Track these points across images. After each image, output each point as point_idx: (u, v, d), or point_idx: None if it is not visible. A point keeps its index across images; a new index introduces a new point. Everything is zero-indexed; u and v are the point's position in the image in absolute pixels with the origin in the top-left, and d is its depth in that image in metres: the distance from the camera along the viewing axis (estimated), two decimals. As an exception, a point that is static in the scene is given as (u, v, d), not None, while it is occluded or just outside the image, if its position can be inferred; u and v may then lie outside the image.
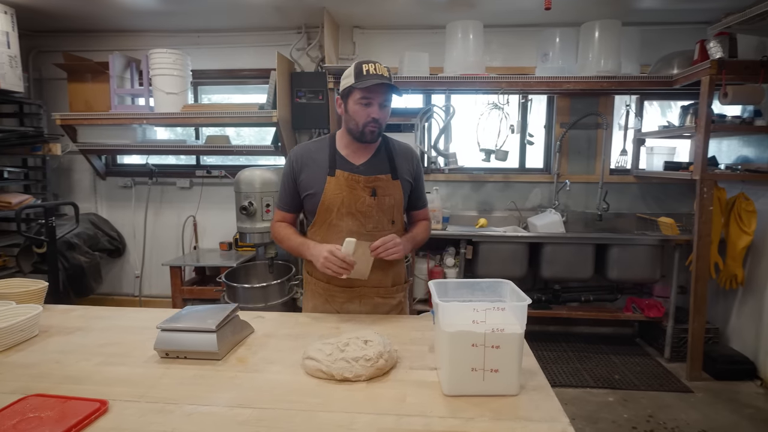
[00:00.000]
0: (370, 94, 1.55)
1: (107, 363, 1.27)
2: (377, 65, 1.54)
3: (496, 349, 1.04)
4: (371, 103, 1.55)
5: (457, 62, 3.38)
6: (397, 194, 1.66)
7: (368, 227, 1.64)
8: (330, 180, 1.63)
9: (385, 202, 1.64)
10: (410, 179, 1.72)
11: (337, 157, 1.66)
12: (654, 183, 3.76)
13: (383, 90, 1.55)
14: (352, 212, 1.62)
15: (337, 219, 1.63)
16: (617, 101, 3.77)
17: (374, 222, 1.64)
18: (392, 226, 1.68)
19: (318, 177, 1.64)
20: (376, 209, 1.63)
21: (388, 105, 1.60)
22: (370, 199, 1.62)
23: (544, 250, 3.35)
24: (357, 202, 1.62)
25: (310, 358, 1.19)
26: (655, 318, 3.39)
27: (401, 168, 1.69)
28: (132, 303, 4.15)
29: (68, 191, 4.17)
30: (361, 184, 1.62)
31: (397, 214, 1.69)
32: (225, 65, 3.99)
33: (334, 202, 1.62)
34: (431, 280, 1.21)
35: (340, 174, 1.63)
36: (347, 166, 1.65)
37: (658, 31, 3.58)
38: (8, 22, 3.21)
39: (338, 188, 1.62)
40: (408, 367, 1.22)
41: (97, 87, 3.66)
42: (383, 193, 1.64)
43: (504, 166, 3.83)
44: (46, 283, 1.75)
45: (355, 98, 1.57)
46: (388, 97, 1.59)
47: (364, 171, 1.64)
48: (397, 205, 1.68)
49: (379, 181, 1.64)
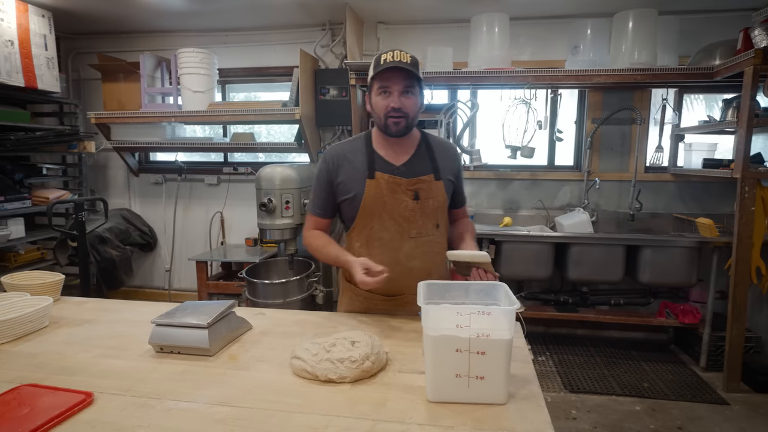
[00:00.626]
0: (387, 82, 1.46)
1: (105, 355, 1.30)
2: (397, 52, 1.45)
3: (482, 355, 0.98)
4: (389, 91, 1.46)
5: (482, 56, 3.28)
6: (440, 196, 1.56)
7: (412, 233, 1.55)
8: (370, 183, 1.53)
9: (429, 205, 1.54)
10: (452, 178, 1.62)
11: (375, 158, 1.56)
12: (694, 181, 3.54)
13: (402, 76, 1.44)
14: (395, 217, 1.53)
15: (379, 225, 1.55)
16: (654, 95, 3.57)
17: (418, 227, 1.55)
18: (437, 230, 1.58)
19: (356, 180, 1.54)
20: (419, 214, 1.54)
21: (413, 93, 1.48)
22: (413, 203, 1.53)
23: (571, 251, 3.21)
24: (399, 207, 1.53)
25: (297, 358, 1.17)
26: (690, 324, 3.20)
27: (443, 167, 1.59)
28: (162, 296, 4.28)
29: (104, 187, 4.35)
30: (403, 187, 1.52)
31: (441, 217, 1.60)
32: (252, 63, 4.05)
33: (375, 208, 1.53)
34: (421, 281, 1.16)
35: (380, 176, 1.53)
36: (387, 168, 1.55)
37: (699, 19, 3.36)
38: (46, 25, 3.36)
39: (379, 192, 1.52)
40: (397, 370, 1.19)
41: (129, 86, 3.79)
42: (426, 196, 1.54)
43: (531, 164, 3.71)
44: (62, 275, 1.81)
45: (375, 90, 1.50)
46: (410, 84, 1.46)
47: (406, 172, 1.54)
48: (441, 208, 1.59)
49: (421, 183, 1.54)
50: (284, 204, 3.07)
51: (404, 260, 1.56)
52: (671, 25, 3.25)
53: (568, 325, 3.70)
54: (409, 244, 1.55)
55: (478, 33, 3.29)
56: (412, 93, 1.49)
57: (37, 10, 3.31)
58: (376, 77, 1.47)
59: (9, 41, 3.09)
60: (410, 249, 1.56)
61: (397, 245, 1.56)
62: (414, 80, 1.47)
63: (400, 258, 1.56)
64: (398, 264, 1.55)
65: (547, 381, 3.01)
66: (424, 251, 1.58)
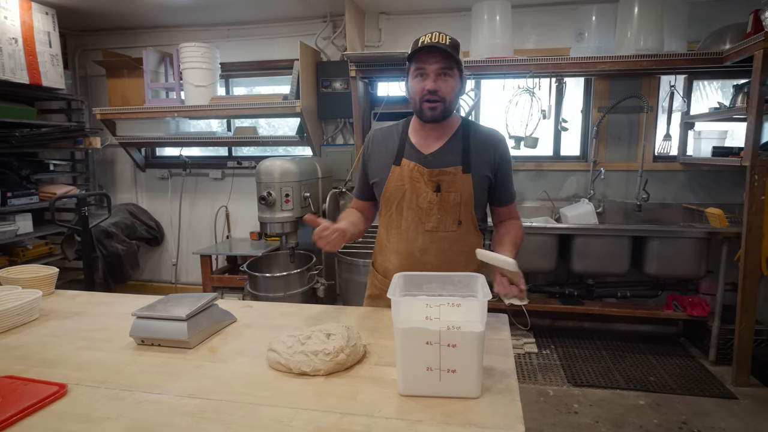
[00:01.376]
0: (422, 64, 1.38)
1: (87, 348, 1.30)
2: (435, 34, 1.38)
3: (453, 348, 0.96)
4: (424, 72, 1.38)
5: (484, 45, 3.22)
6: (465, 191, 1.46)
7: (428, 226, 1.49)
8: (394, 170, 1.50)
9: (449, 199, 1.46)
10: (489, 173, 1.49)
11: (407, 145, 1.52)
12: (703, 170, 3.44)
13: (438, 57, 1.36)
14: (413, 207, 1.49)
15: (397, 213, 1.52)
16: (663, 82, 3.47)
17: (435, 221, 1.48)
18: (459, 227, 1.49)
19: (384, 165, 1.52)
20: (437, 207, 1.47)
21: (450, 76, 1.39)
22: (433, 195, 1.46)
23: (575, 243, 3.15)
24: (419, 198, 1.47)
25: (272, 350, 1.16)
26: (699, 317, 3.12)
27: (477, 159, 1.48)
28: (169, 290, 4.33)
29: (111, 183, 4.41)
30: (425, 177, 1.46)
31: (465, 213, 1.49)
32: (255, 57, 4.05)
33: (395, 195, 1.50)
34: (396, 273, 1.14)
35: (405, 164, 1.49)
36: (415, 155, 1.49)
37: (708, 3, 3.25)
38: (50, 22, 3.40)
39: (401, 180, 1.49)
40: (374, 363, 1.17)
41: (133, 82, 3.82)
42: (449, 189, 1.46)
43: (536, 154, 3.64)
44: (56, 269, 1.83)
45: (411, 73, 1.43)
46: (447, 66, 1.37)
47: (431, 162, 1.47)
48: (465, 203, 1.47)
49: (444, 175, 1.46)
50: (284, 197, 3.07)
51: (417, 253, 1.52)
52: (679, 10, 3.14)
53: (574, 317, 3.64)
54: (424, 237, 1.50)
55: (480, 21, 3.22)
56: (450, 75, 1.40)
57: (41, 8, 3.34)
58: (412, 60, 1.41)
59: (13, 39, 3.13)
60: (425, 242, 1.51)
61: (412, 236, 1.52)
62: (452, 62, 1.39)
63: (414, 250, 1.52)
64: (411, 256, 1.52)
65: (550, 374, 2.97)
66: (439, 247, 1.51)
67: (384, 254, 1.61)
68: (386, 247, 1.59)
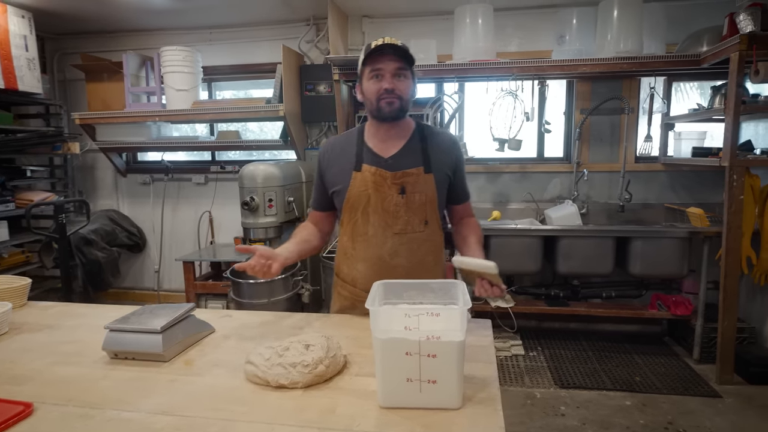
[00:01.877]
0: (378, 65, 1.40)
1: (58, 363, 1.26)
2: (387, 38, 1.39)
3: (433, 358, 0.94)
4: (380, 74, 1.40)
5: (467, 48, 3.23)
6: (429, 190, 1.49)
7: (396, 229, 1.49)
8: (355, 176, 1.49)
9: (415, 200, 1.48)
10: (449, 172, 1.53)
11: (365, 150, 1.52)
12: (684, 171, 3.48)
13: (393, 58, 1.39)
14: (378, 212, 1.49)
15: (363, 219, 1.51)
16: (643, 84, 3.51)
17: (403, 223, 1.49)
18: (425, 227, 1.51)
19: (344, 172, 1.52)
20: (404, 209, 1.48)
21: (405, 76, 1.42)
22: (398, 197, 1.47)
23: (560, 244, 3.17)
24: (384, 201, 1.48)
25: (250, 363, 1.13)
26: (682, 316, 3.15)
27: (437, 159, 1.50)
28: (152, 297, 4.26)
29: (92, 188, 4.32)
30: (389, 181, 1.47)
31: (431, 213, 1.51)
32: (238, 60, 4.00)
33: (359, 201, 1.49)
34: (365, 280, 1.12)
35: (366, 169, 1.48)
36: (374, 160, 1.50)
37: (686, 6, 3.29)
38: (26, 25, 3.32)
39: (364, 185, 1.48)
40: (354, 374, 1.14)
41: (113, 86, 3.75)
42: (413, 190, 1.47)
43: (520, 156, 3.64)
44: (29, 280, 1.78)
45: (366, 75, 1.44)
46: (402, 67, 1.41)
47: (393, 165, 1.48)
48: (430, 203, 1.50)
49: (408, 177, 1.47)
50: (267, 202, 3.04)
51: (387, 257, 1.51)
52: (658, 13, 3.18)
53: (560, 319, 3.65)
54: (393, 241, 1.50)
55: (462, 24, 3.23)
56: (405, 76, 1.43)
57: (17, 11, 3.27)
58: (367, 63, 1.42)
59: (-14, 43, 3.05)
60: (394, 245, 1.51)
61: (380, 241, 1.51)
62: (406, 63, 1.42)
63: (383, 255, 1.51)
64: (381, 261, 1.51)
65: (537, 377, 2.97)
66: (409, 248, 1.52)
67: (350, 263, 1.59)
68: (352, 255, 1.57)
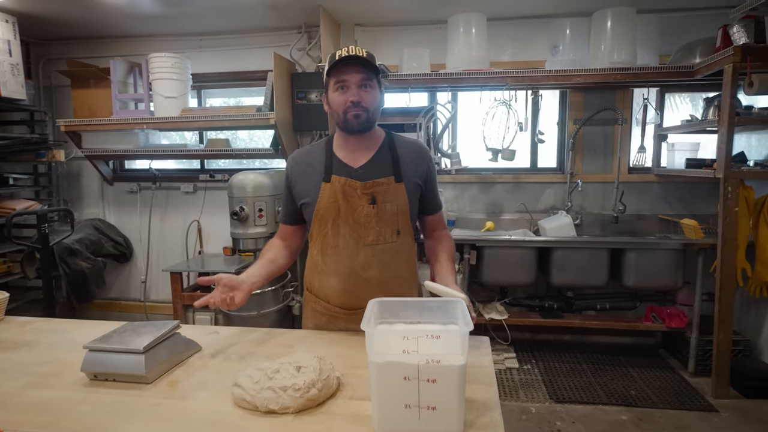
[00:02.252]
0: (344, 76, 1.37)
1: (34, 385, 1.19)
2: (352, 47, 1.37)
3: (433, 383, 0.89)
4: (346, 85, 1.38)
5: (460, 58, 3.21)
6: (401, 200, 1.46)
7: (368, 240, 1.45)
8: (325, 187, 1.46)
9: (386, 210, 1.45)
10: (420, 182, 1.51)
11: (334, 161, 1.49)
12: (678, 182, 3.48)
13: (358, 69, 1.37)
14: (349, 223, 1.45)
15: (333, 231, 1.46)
16: (636, 95, 3.51)
17: (374, 234, 1.45)
18: (398, 237, 1.48)
19: (313, 184, 1.48)
20: (375, 219, 1.44)
21: (371, 87, 1.40)
22: (369, 207, 1.44)
23: (554, 256, 3.14)
24: (355, 212, 1.44)
25: (238, 386, 1.07)
26: (677, 328, 3.13)
27: (407, 169, 1.49)
28: (138, 308, 4.16)
29: (78, 197, 4.22)
30: (359, 191, 1.44)
31: (402, 223, 1.49)
32: (229, 68, 3.95)
33: (329, 213, 1.45)
34: (372, 299, 1.07)
35: (335, 180, 1.45)
36: (344, 170, 1.46)
37: (679, 18, 3.31)
38: (10, 30, 3.25)
39: (333, 196, 1.45)
40: (349, 397, 1.09)
41: (100, 93, 3.67)
42: (384, 200, 1.45)
43: (514, 166, 3.63)
44: (6, 294, 1.70)
45: (331, 87, 1.41)
46: (368, 77, 1.39)
47: (363, 175, 1.45)
48: (402, 213, 1.47)
49: (378, 186, 1.44)
50: (257, 212, 2.97)
51: (360, 270, 1.47)
52: (651, 24, 3.19)
53: (554, 331, 3.62)
54: (365, 252, 1.46)
55: (455, 34, 3.21)
56: (371, 86, 1.41)
57: (1, 15, 3.19)
58: (332, 74, 1.40)
59: (-32, 48, 2.97)
60: (366, 257, 1.47)
61: (352, 253, 1.47)
62: (371, 73, 1.40)
63: (356, 267, 1.47)
64: (354, 274, 1.47)
65: (532, 391, 2.92)
66: (382, 260, 1.48)
67: (321, 277, 1.54)
68: (322, 269, 1.52)
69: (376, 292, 1.43)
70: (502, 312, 3.33)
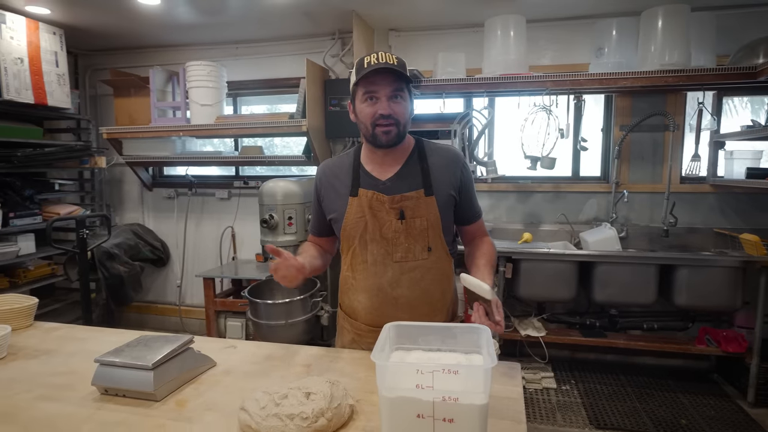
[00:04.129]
0: (373, 87, 1.30)
1: (45, 398, 1.16)
2: (381, 54, 1.29)
3: (450, 423, 0.79)
4: (375, 96, 1.30)
5: (497, 62, 3.08)
6: (431, 215, 1.38)
7: (396, 257, 1.38)
8: (352, 202, 1.39)
9: (416, 225, 1.37)
10: (453, 192, 1.41)
11: (361, 173, 1.42)
12: (737, 193, 3.21)
13: (390, 79, 1.29)
14: (377, 239, 1.38)
15: (361, 247, 1.40)
16: (690, 99, 3.27)
17: (403, 251, 1.38)
18: (429, 254, 1.39)
19: (341, 198, 1.42)
20: (404, 235, 1.37)
21: (402, 98, 1.33)
22: (398, 222, 1.36)
23: (596, 271, 2.94)
24: (383, 227, 1.37)
25: (244, 410, 1.00)
26: (735, 353, 2.86)
27: (439, 180, 1.40)
28: (173, 311, 4.23)
29: (119, 202, 4.35)
30: (386, 205, 1.36)
31: (434, 238, 1.40)
32: (264, 75, 3.97)
33: (356, 228, 1.39)
34: (387, 323, 0.98)
35: (363, 194, 1.38)
36: (371, 184, 1.40)
37: (738, 15, 3.05)
38: (57, 42, 3.38)
39: (360, 211, 1.38)
40: (361, 428, 1.00)
41: (140, 101, 3.77)
42: (413, 215, 1.37)
43: (554, 175, 3.45)
44: (36, 300, 1.72)
45: (359, 97, 1.34)
46: (399, 88, 1.31)
47: (390, 188, 1.38)
48: (433, 227, 1.39)
49: (407, 201, 1.36)
50: (287, 220, 2.94)
51: (388, 288, 1.39)
52: (707, 22, 2.96)
53: (596, 350, 3.40)
54: (393, 270, 1.38)
55: (493, 37, 3.09)
56: (402, 97, 1.33)
57: (49, 28, 3.32)
58: (360, 83, 1.32)
59: (18, 59, 3.10)
60: (395, 275, 1.39)
61: (380, 270, 1.39)
62: (403, 83, 1.31)
63: (383, 285, 1.39)
64: (382, 291, 1.39)
65: (570, 414, 2.74)
66: (411, 278, 1.39)
67: (350, 294, 1.47)
68: (352, 285, 1.45)
69: (404, 311, 1.35)
70: (540, 328, 3.15)
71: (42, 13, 3.20)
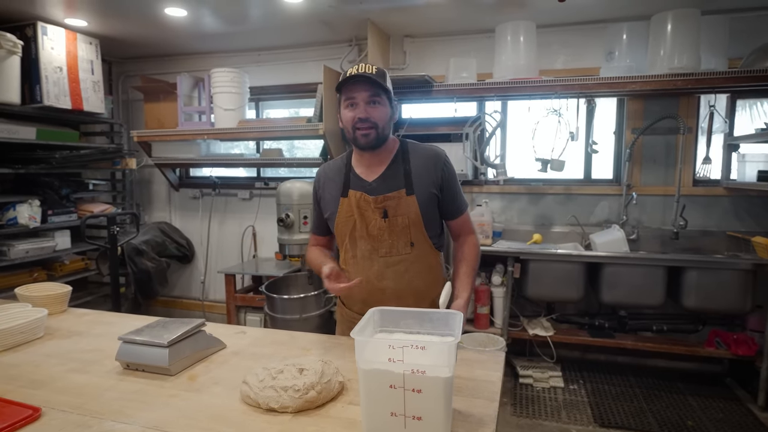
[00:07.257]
0: (352, 93, 1.43)
1: (75, 370, 1.32)
2: (362, 65, 1.44)
3: (418, 393, 0.90)
4: (354, 102, 1.43)
5: (507, 66, 3.16)
6: (412, 212, 1.48)
7: (381, 252, 1.51)
8: (342, 202, 1.53)
9: (398, 223, 1.48)
10: (435, 190, 1.51)
11: (351, 176, 1.55)
12: (751, 196, 3.19)
13: (366, 86, 1.41)
14: (364, 236, 1.51)
15: (350, 244, 1.54)
16: (703, 102, 3.27)
17: (387, 247, 1.50)
18: (412, 248, 1.51)
19: (334, 199, 1.55)
20: (387, 232, 1.49)
21: (379, 103, 1.44)
22: (381, 221, 1.48)
23: (604, 272, 2.98)
24: (369, 225, 1.50)
25: (245, 383, 1.13)
26: (744, 356, 2.85)
27: (420, 179, 1.50)
28: (197, 307, 4.43)
29: (148, 201, 4.59)
30: (372, 205, 1.48)
31: (416, 234, 1.50)
32: (284, 80, 4.13)
33: (346, 226, 1.52)
34: (372, 308, 1.09)
35: (352, 195, 1.51)
36: (359, 185, 1.52)
37: (750, 18, 3.05)
38: (93, 51, 3.61)
39: (350, 211, 1.51)
40: (348, 402, 1.11)
41: (168, 106, 3.98)
42: (395, 213, 1.48)
43: (565, 177, 3.50)
44: (69, 288, 1.90)
45: (342, 104, 1.47)
46: (376, 94, 1.43)
47: (375, 189, 1.50)
48: (414, 224, 1.49)
49: (389, 200, 1.48)
50: (302, 219, 3.08)
51: (375, 280, 1.52)
52: (719, 26, 2.97)
53: (606, 351, 3.42)
54: (379, 264, 1.51)
55: (503, 42, 3.17)
56: (379, 102, 1.45)
57: (85, 38, 3.56)
58: (342, 91, 1.46)
59: (58, 67, 3.34)
60: (380, 269, 1.52)
61: (367, 264, 1.53)
62: (379, 90, 1.44)
63: (371, 278, 1.52)
64: (369, 284, 1.52)
65: (575, 412, 2.78)
66: (395, 271, 1.52)
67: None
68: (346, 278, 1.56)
69: (392, 301, 1.47)
70: (548, 328, 3.20)
71: (79, 25, 3.44)
